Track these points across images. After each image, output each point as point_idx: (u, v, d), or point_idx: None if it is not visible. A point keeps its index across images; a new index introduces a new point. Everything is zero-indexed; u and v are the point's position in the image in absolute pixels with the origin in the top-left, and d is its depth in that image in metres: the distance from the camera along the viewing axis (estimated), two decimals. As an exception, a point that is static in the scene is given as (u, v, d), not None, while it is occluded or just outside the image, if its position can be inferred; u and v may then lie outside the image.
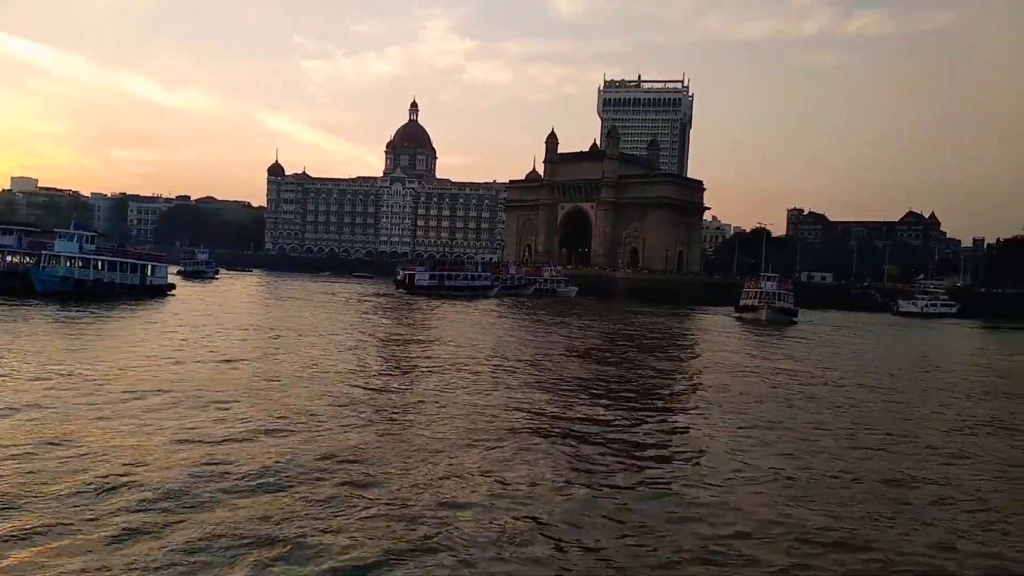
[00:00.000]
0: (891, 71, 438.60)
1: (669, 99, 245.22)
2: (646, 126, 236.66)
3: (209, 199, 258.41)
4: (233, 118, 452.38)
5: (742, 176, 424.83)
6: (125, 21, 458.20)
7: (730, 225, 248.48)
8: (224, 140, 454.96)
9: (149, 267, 68.87)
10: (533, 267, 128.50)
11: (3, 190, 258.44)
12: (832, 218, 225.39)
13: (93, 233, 65.19)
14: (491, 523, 13.54)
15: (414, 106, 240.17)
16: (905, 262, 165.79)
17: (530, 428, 21.51)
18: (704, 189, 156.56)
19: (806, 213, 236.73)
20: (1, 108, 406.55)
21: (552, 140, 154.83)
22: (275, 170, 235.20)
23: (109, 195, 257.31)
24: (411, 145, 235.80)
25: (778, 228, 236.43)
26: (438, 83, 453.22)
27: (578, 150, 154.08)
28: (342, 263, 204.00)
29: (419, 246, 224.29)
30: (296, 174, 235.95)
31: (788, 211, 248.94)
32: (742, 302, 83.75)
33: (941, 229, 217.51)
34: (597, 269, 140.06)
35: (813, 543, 13.44)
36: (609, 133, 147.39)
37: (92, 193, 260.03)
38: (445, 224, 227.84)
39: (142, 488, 14.18)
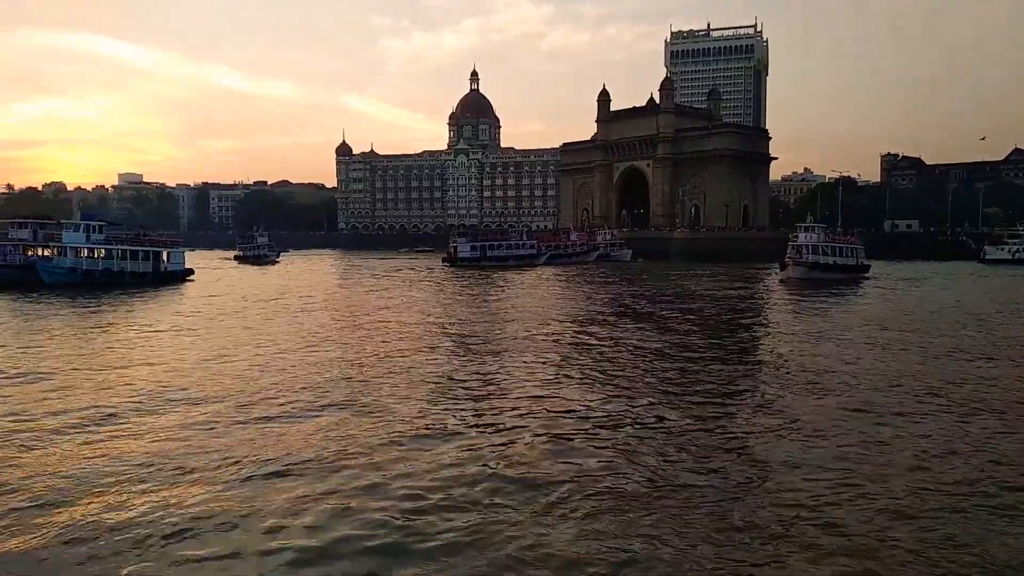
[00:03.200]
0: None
1: (741, 46, 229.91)
2: (717, 77, 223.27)
3: (284, 183, 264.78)
4: (313, 102, 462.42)
5: (832, 124, 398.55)
6: (211, 15, 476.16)
7: (823, 176, 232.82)
8: (304, 125, 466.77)
9: (164, 253, 68.48)
10: (588, 232, 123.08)
11: (96, 186, 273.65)
12: (930, 162, 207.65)
13: (101, 223, 65.26)
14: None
15: (474, 75, 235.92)
16: (1010, 204, 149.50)
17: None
18: (770, 138, 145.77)
19: (900, 158, 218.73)
20: (106, 109, 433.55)
21: (604, 97, 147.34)
22: (343, 150, 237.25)
23: (192, 185, 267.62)
24: (473, 115, 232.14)
25: (873, 176, 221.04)
26: (514, 52, 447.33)
27: (631, 106, 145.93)
28: (412, 239, 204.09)
29: (486, 217, 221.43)
30: (364, 153, 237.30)
31: (882, 157, 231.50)
32: (784, 259, 75.52)
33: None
34: (655, 231, 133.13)
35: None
36: (663, 85, 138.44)
37: (177, 184, 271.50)
38: (511, 193, 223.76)
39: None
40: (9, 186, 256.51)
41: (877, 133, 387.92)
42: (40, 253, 62.09)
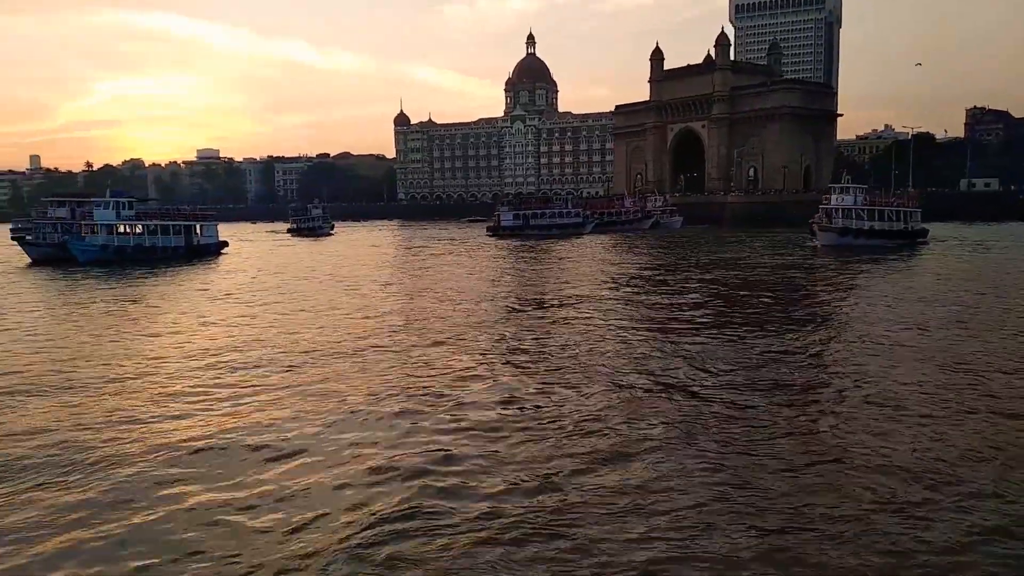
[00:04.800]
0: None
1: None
2: (785, 31, 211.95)
3: (345, 155, 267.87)
4: (378, 73, 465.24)
5: (915, 78, 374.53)
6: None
7: (906, 134, 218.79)
8: (370, 96, 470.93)
9: (197, 227, 69.29)
10: (641, 198, 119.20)
11: (169, 162, 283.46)
12: (1019, 115, 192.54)
13: (131, 199, 66.07)
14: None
15: (531, 39, 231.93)
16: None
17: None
18: (835, 93, 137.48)
19: (985, 111, 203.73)
20: (182, 87, 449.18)
21: (657, 56, 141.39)
22: (401, 120, 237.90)
23: (259, 159, 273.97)
24: (530, 80, 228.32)
25: (958, 132, 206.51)
26: (576, 13, 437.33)
27: (686, 64, 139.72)
28: (469, 208, 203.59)
29: (543, 184, 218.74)
30: (421, 122, 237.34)
31: (967, 111, 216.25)
32: (811, 224, 69.10)
33: None
34: (710, 195, 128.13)
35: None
36: (718, 40, 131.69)
37: (244, 158, 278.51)
38: (568, 160, 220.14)
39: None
40: (88, 164, 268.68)
41: (965, 87, 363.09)
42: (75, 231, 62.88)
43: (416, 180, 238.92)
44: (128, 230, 63.62)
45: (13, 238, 67.79)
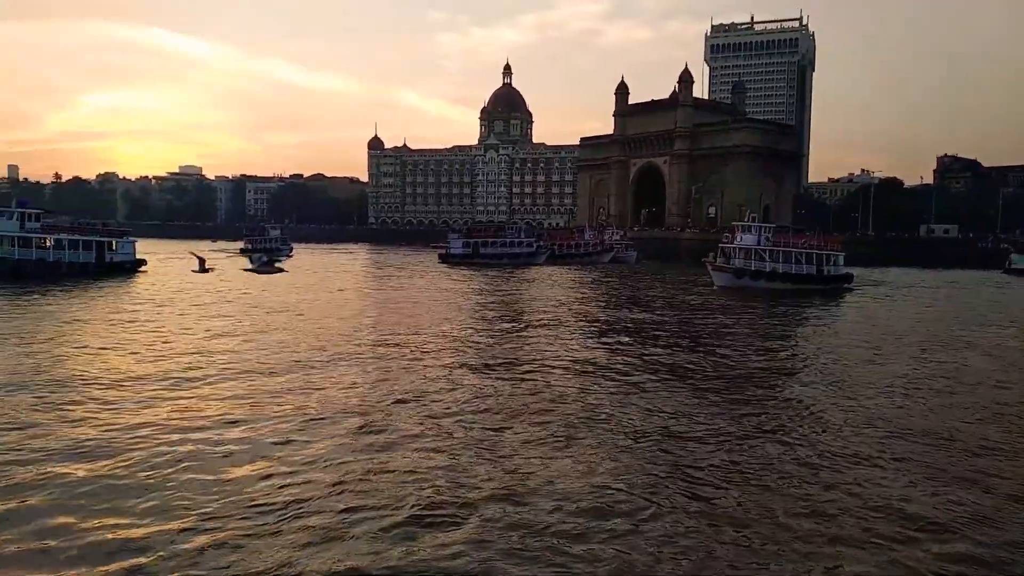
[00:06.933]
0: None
1: (785, 39, 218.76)
2: (759, 72, 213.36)
3: (318, 176, 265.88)
4: (364, 96, 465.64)
5: (887, 123, 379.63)
6: (272, 9, 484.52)
7: (879, 179, 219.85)
8: (353, 118, 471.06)
9: (111, 243, 65.55)
10: (598, 230, 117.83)
11: (139, 177, 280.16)
12: (988, 164, 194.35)
13: (37, 211, 63.05)
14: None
15: (507, 69, 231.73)
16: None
17: None
18: (796, 134, 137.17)
19: (954, 159, 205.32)
20: (170, 102, 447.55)
21: (622, 90, 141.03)
22: (375, 144, 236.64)
23: (231, 177, 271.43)
24: (505, 109, 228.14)
25: (929, 179, 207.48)
26: (571, 49, 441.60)
27: (650, 99, 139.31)
28: (440, 234, 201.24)
29: (515, 213, 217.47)
30: (396, 147, 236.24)
31: (938, 159, 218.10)
32: (704, 261, 64.99)
33: None
34: (667, 230, 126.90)
35: None
36: (681, 76, 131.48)
37: (216, 176, 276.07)
38: (540, 190, 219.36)
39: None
40: (57, 175, 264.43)
41: (940, 134, 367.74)
42: None
43: (388, 204, 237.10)
44: (29, 243, 59.84)
45: None
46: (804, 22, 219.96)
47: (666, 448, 15.63)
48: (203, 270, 41.71)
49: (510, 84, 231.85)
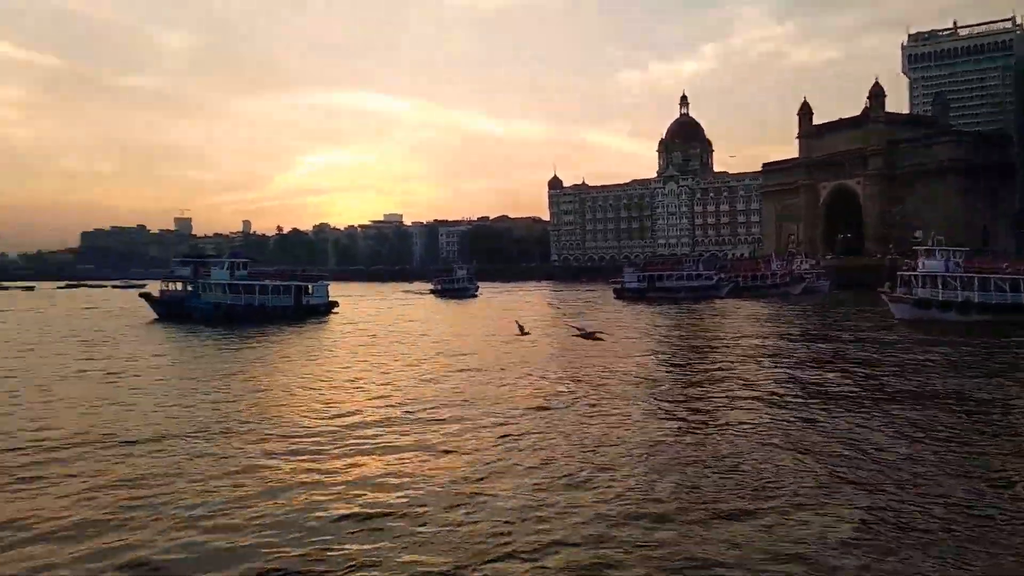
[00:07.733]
0: None
1: (996, 42, 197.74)
2: (965, 80, 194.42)
3: (503, 218, 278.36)
4: (554, 138, 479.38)
5: None
6: (464, 66, 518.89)
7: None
8: (536, 159, 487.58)
9: (308, 287, 71.45)
10: (787, 259, 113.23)
11: (347, 227, 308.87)
12: None
13: (245, 260, 71.35)
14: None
15: (684, 99, 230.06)
16: None
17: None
18: (1013, 144, 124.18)
19: None
20: (375, 156, 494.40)
21: (805, 111, 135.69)
22: (554, 183, 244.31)
23: (425, 223, 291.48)
24: (683, 141, 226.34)
25: None
26: (751, 74, 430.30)
27: (837, 119, 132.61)
28: (620, 270, 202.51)
29: (698, 245, 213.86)
30: (575, 185, 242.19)
31: None
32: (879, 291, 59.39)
33: None
34: (867, 257, 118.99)
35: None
36: (872, 91, 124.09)
37: (412, 222, 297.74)
38: (725, 220, 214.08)
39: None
40: (279, 228, 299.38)
41: None
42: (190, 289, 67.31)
43: (568, 241, 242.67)
44: (238, 290, 65.64)
45: (140, 295, 74.49)
46: (1018, 21, 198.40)
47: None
48: (522, 333, 46.56)
49: (687, 114, 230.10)
